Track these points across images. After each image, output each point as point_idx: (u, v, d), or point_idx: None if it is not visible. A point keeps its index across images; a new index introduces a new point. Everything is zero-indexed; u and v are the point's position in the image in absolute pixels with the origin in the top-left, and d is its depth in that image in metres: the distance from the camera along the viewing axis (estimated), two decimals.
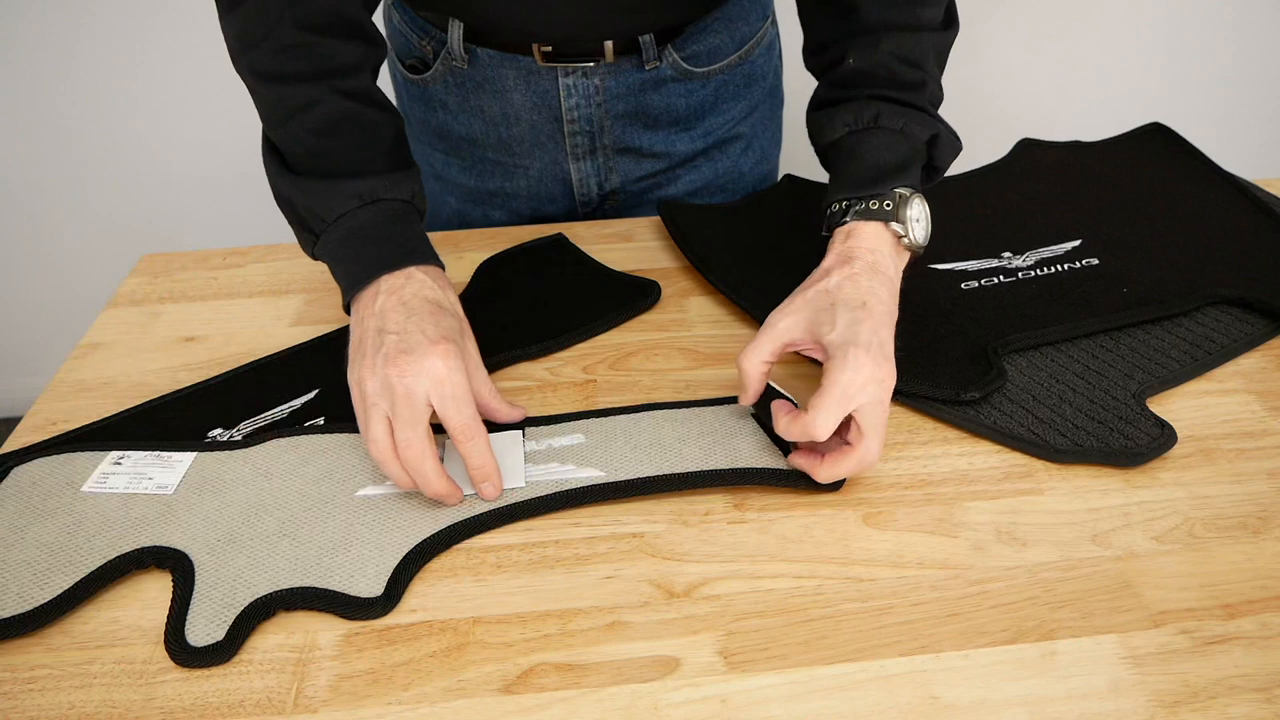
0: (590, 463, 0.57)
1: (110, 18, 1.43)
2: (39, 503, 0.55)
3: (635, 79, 0.80)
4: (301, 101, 0.61)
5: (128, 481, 0.56)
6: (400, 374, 0.53)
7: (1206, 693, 0.44)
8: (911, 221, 0.60)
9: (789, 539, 0.53)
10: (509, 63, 0.79)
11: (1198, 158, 0.85)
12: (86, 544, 0.52)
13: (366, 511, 0.55)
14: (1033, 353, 0.65)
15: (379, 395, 0.54)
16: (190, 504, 0.55)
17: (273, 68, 0.61)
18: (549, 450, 0.59)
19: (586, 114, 0.82)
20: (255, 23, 0.61)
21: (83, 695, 0.46)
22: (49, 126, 1.53)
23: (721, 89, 0.84)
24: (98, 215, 1.63)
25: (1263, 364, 0.64)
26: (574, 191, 0.87)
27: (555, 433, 0.60)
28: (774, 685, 0.45)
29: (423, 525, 0.54)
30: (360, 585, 0.50)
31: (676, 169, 0.87)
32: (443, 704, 0.45)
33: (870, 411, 0.53)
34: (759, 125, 0.90)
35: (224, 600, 0.49)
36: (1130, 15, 1.57)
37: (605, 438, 0.59)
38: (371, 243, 0.60)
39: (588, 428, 0.60)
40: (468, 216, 0.91)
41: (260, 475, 0.57)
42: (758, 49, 0.85)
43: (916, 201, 0.61)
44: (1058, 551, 0.51)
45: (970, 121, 1.63)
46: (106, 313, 0.77)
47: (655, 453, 0.58)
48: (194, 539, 0.53)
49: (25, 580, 0.50)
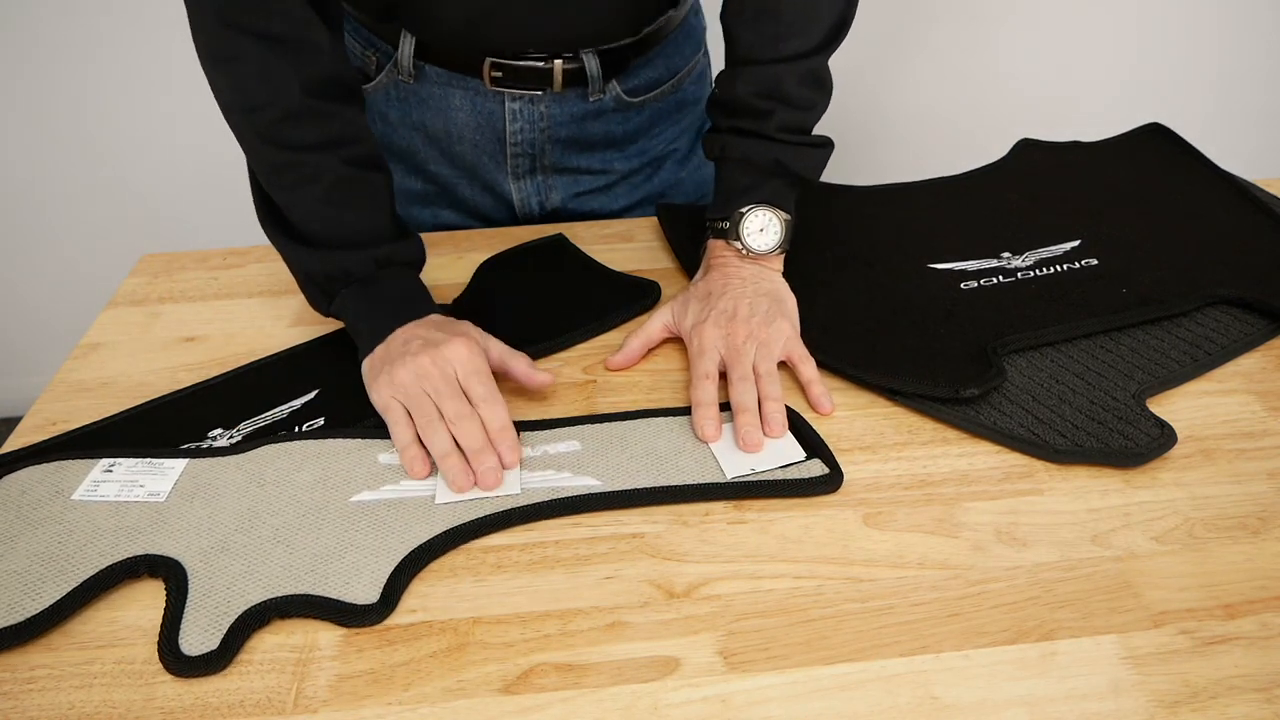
0: (586, 470, 0.57)
1: (110, 17, 1.43)
2: (28, 511, 0.55)
3: (578, 108, 0.82)
4: (310, 172, 0.64)
5: (119, 489, 0.56)
6: (434, 359, 0.60)
7: (1206, 693, 0.44)
8: (749, 234, 0.70)
9: (789, 539, 0.53)
10: (457, 82, 0.80)
11: (1197, 158, 0.85)
12: (78, 553, 0.52)
13: (362, 517, 0.54)
14: (1033, 353, 0.65)
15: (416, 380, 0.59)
16: (182, 511, 0.55)
17: (280, 134, 0.63)
18: (544, 457, 0.59)
19: (529, 138, 0.83)
20: (258, 85, 0.62)
21: (83, 695, 0.46)
22: (49, 126, 1.53)
23: (655, 115, 0.87)
24: (98, 215, 1.63)
25: (1263, 364, 0.64)
26: (514, 208, 0.89)
27: (551, 439, 0.60)
28: (774, 685, 0.45)
29: (418, 530, 0.53)
30: (356, 591, 0.50)
31: (614, 185, 0.90)
32: (443, 704, 0.45)
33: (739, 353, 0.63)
34: (691, 141, 0.93)
35: (218, 608, 0.49)
36: (1130, 15, 1.57)
37: (600, 445, 0.59)
38: (388, 302, 0.66)
39: (583, 434, 0.60)
40: (415, 218, 0.91)
41: (253, 482, 0.57)
42: (689, 78, 0.89)
43: (756, 214, 0.70)
44: (1058, 552, 0.51)
45: (970, 121, 1.64)
46: (106, 313, 0.76)
47: (650, 462, 0.58)
48: (187, 547, 0.52)
49: (16, 591, 0.50)
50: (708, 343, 0.65)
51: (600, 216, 0.90)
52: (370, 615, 0.49)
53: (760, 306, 0.67)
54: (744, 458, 0.58)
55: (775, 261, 0.72)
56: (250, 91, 0.62)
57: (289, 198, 0.65)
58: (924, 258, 0.75)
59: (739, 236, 0.71)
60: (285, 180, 0.65)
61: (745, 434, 0.59)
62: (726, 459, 0.58)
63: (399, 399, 0.59)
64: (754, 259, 0.71)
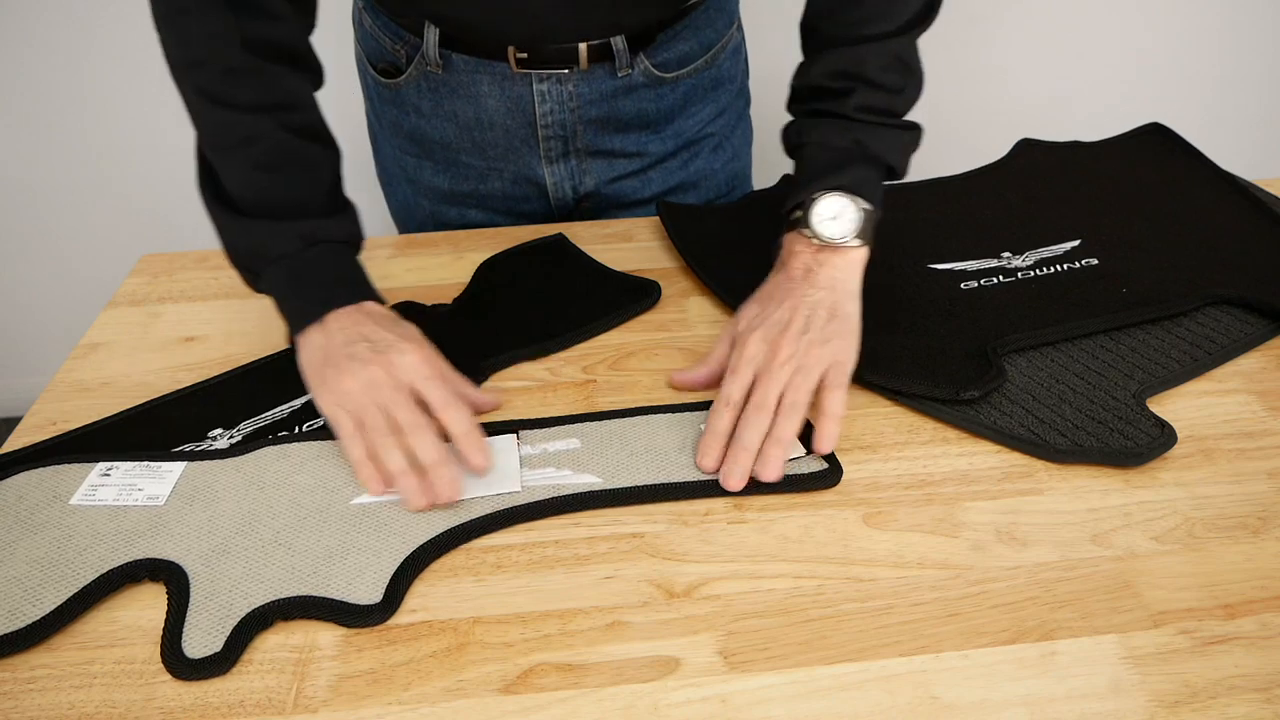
0: (586, 468, 0.57)
1: (110, 17, 1.43)
2: (26, 516, 0.55)
3: (608, 85, 0.81)
4: (247, 133, 0.62)
5: (117, 493, 0.56)
6: (386, 368, 0.57)
7: (1206, 693, 0.44)
8: (821, 222, 0.64)
9: (789, 539, 0.53)
10: (484, 68, 0.79)
11: (1197, 158, 0.85)
12: (77, 558, 0.52)
13: (363, 519, 0.54)
14: (1033, 353, 0.65)
15: (366, 392, 0.57)
16: (182, 515, 0.55)
17: (220, 91, 0.62)
18: (544, 455, 0.59)
19: (560, 119, 0.82)
20: (200, 40, 0.61)
21: (83, 695, 0.46)
22: (49, 126, 1.53)
23: (690, 93, 0.86)
24: (98, 215, 1.63)
25: (1263, 364, 0.64)
26: (549, 194, 0.88)
27: (550, 437, 0.60)
28: (774, 685, 0.45)
29: (419, 530, 0.53)
30: (359, 592, 0.50)
31: (649, 170, 0.88)
32: (443, 704, 0.45)
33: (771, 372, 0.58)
34: (728, 126, 0.91)
35: (221, 611, 0.49)
36: (1130, 15, 1.57)
37: (600, 442, 0.59)
38: (317, 283, 0.63)
39: (583, 432, 0.60)
40: (443, 217, 0.91)
41: (252, 485, 0.57)
42: (723, 54, 0.87)
43: (829, 199, 0.65)
44: (1058, 551, 0.51)
45: (970, 121, 1.64)
46: (106, 313, 0.77)
47: (651, 459, 0.58)
48: (187, 551, 0.52)
49: (16, 597, 0.50)
50: (745, 358, 0.59)
51: (634, 203, 0.90)
52: (374, 615, 0.49)
53: (819, 320, 0.61)
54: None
55: (853, 258, 0.65)
56: (194, 46, 0.61)
57: (224, 160, 0.63)
58: (924, 258, 0.75)
59: (808, 224, 0.64)
60: (223, 142, 0.63)
61: (727, 471, 0.55)
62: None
63: (347, 409, 0.57)
64: (830, 250, 0.64)
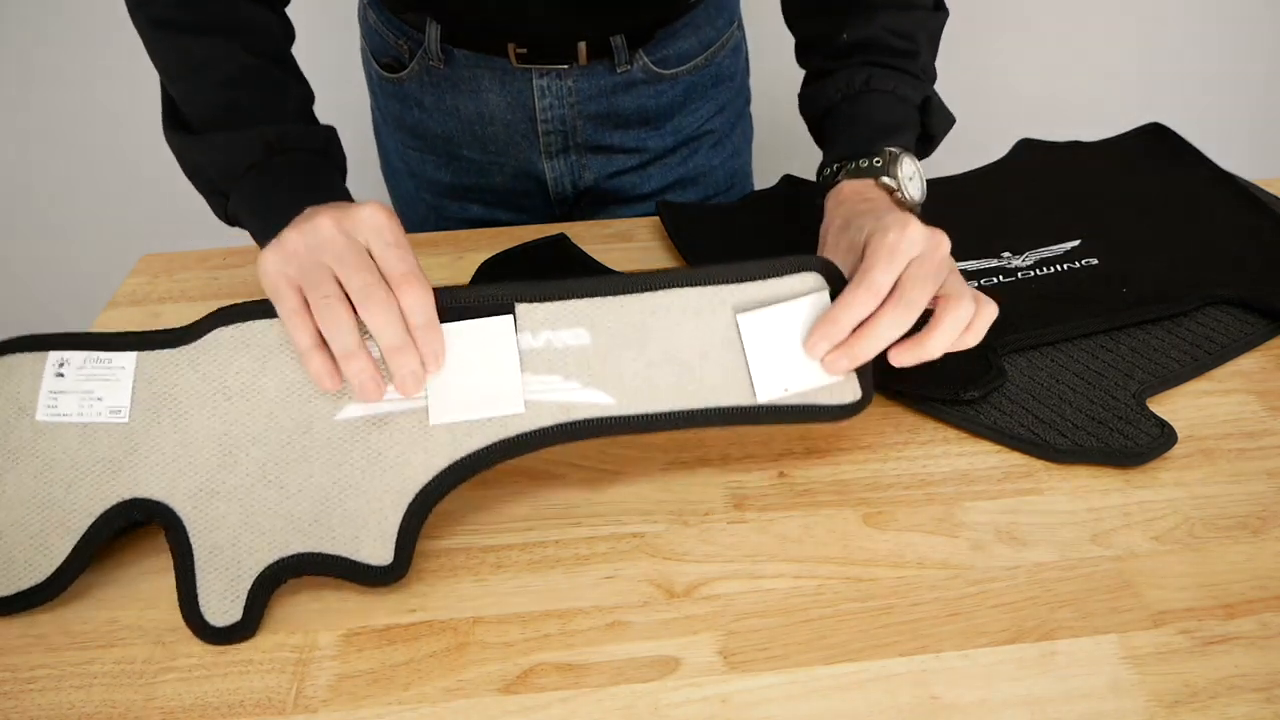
0: (596, 380, 0.52)
1: (110, 17, 1.42)
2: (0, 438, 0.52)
3: (607, 81, 0.82)
4: (206, 55, 0.58)
5: (79, 403, 0.52)
6: (337, 220, 0.48)
7: (1206, 693, 0.44)
8: (905, 179, 0.59)
9: (789, 539, 0.53)
10: (484, 64, 0.80)
11: (1197, 158, 0.85)
12: (65, 497, 0.51)
13: (351, 448, 0.50)
14: (1033, 353, 0.65)
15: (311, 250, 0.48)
16: (151, 435, 0.51)
17: (174, 16, 0.59)
18: (548, 351, 0.52)
19: (560, 114, 0.83)
20: None
21: (83, 695, 0.46)
22: (49, 126, 1.53)
23: (690, 89, 0.86)
24: (98, 215, 1.63)
25: (1263, 364, 0.64)
26: (548, 189, 0.89)
27: (554, 320, 0.52)
28: (774, 685, 0.45)
29: (417, 461, 0.50)
30: (366, 549, 0.49)
31: (648, 165, 0.89)
32: (443, 704, 0.45)
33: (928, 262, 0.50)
34: (728, 123, 0.92)
35: (229, 569, 0.49)
36: (1130, 15, 1.57)
37: (614, 340, 0.52)
38: (288, 190, 0.55)
39: (594, 318, 0.53)
40: (445, 211, 0.92)
41: (218, 393, 0.51)
42: (723, 51, 0.87)
43: (907, 160, 0.60)
44: (1058, 551, 0.51)
45: (970, 121, 1.64)
46: (106, 313, 0.76)
47: (671, 371, 0.52)
48: (172, 487, 0.50)
49: (25, 546, 0.50)
50: (905, 243, 0.50)
51: (633, 197, 0.90)
52: (387, 576, 0.49)
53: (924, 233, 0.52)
54: (780, 373, 0.52)
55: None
56: None
57: (184, 87, 0.59)
58: None
59: (895, 176, 0.58)
60: (182, 69, 0.59)
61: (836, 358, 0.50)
62: (761, 373, 0.52)
63: (288, 274, 0.48)
64: (906, 210, 0.57)
